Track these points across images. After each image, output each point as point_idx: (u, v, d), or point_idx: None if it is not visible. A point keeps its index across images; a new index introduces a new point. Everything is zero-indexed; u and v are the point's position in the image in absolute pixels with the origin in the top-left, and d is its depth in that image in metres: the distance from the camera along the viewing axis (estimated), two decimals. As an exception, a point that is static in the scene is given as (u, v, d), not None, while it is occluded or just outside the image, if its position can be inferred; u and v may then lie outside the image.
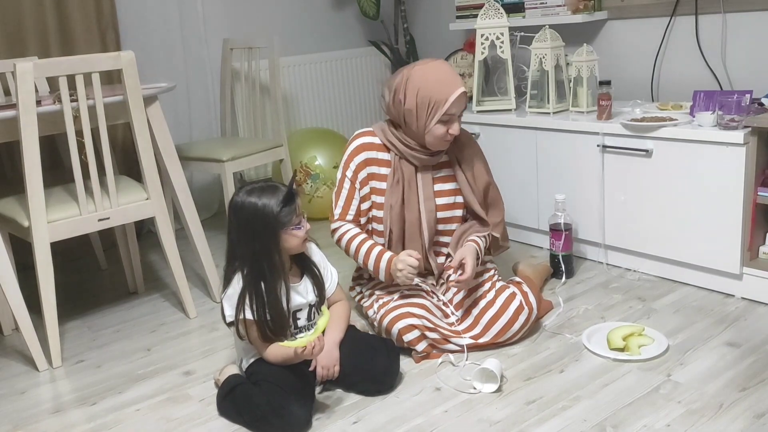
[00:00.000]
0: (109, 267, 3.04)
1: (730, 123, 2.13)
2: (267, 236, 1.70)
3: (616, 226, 2.51)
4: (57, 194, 2.28)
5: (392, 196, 2.08)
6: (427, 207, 2.09)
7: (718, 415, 1.64)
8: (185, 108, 3.48)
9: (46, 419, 1.88)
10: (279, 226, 1.70)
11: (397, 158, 2.08)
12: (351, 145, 2.13)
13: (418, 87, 1.98)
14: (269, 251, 1.71)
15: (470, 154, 2.15)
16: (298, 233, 1.75)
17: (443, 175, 2.13)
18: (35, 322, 2.16)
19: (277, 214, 1.69)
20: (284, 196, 1.71)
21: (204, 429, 1.77)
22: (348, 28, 4.05)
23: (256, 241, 1.71)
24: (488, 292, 2.07)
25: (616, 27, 2.96)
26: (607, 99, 2.50)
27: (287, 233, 1.73)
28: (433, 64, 2.03)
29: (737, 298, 2.24)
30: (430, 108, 1.97)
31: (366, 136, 2.12)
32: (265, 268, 1.71)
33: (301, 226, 1.76)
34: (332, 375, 1.83)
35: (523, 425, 1.66)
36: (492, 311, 2.02)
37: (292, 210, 1.72)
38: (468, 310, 2.05)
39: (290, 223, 1.72)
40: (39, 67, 2.04)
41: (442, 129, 1.99)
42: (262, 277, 1.72)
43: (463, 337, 2.01)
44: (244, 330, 1.77)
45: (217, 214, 3.63)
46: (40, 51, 2.97)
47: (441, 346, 2.00)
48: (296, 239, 1.75)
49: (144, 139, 2.28)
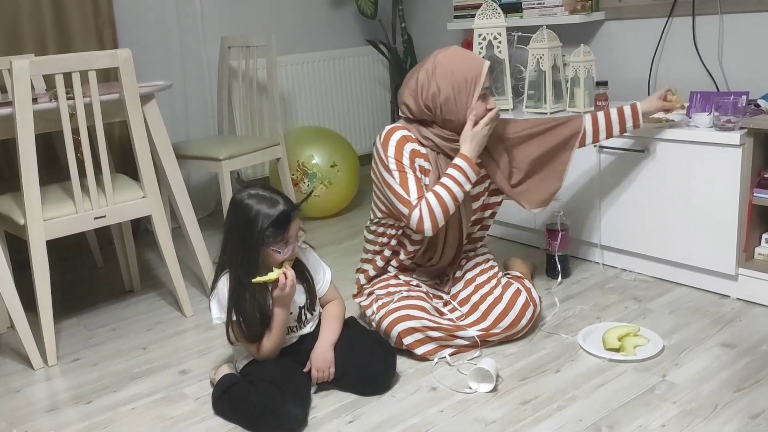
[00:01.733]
0: (105, 265, 3.03)
1: (726, 124, 2.14)
2: (251, 244, 1.69)
3: (612, 227, 2.52)
4: (53, 192, 2.27)
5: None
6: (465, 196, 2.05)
7: (712, 415, 1.64)
8: (182, 106, 3.48)
9: (40, 417, 1.88)
10: (261, 242, 1.69)
11: (434, 153, 2.04)
12: (393, 138, 2.01)
13: (450, 71, 1.96)
14: (252, 257, 1.71)
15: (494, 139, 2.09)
16: (278, 256, 1.72)
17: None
18: (31, 320, 2.15)
19: (264, 229, 1.67)
20: (277, 217, 1.68)
21: (199, 428, 1.76)
22: (346, 27, 4.05)
23: (242, 244, 1.71)
24: (495, 288, 2.08)
25: (613, 27, 2.96)
26: (604, 99, 2.50)
27: (269, 250, 1.71)
28: (451, 50, 2.04)
29: (733, 299, 2.25)
30: (468, 87, 1.97)
31: (402, 130, 2.03)
32: (248, 273, 1.71)
33: (285, 250, 1.72)
34: (327, 377, 1.83)
35: (519, 425, 1.66)
36: (500, 307, 2.03)
37: (280, 233, 1.69)
38: (475, 305, 2.06)
39: (273, 243, 1.70)
40: (35, 64, 2.03)
41: (482, 106, 1.99)
42: (245, 279, 1.71)
43: (471, 330, 2.01)
44: (232, 331, 1.77)
45: (214, 213, 3.63)
46: (37, 48, 2.96)
47: (449, 342, 2.00)
48: (274, 259, 1.72)
49: (141, 137, 2.27)
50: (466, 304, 2.08)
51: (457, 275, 2.20)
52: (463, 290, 2.12)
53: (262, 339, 1.78)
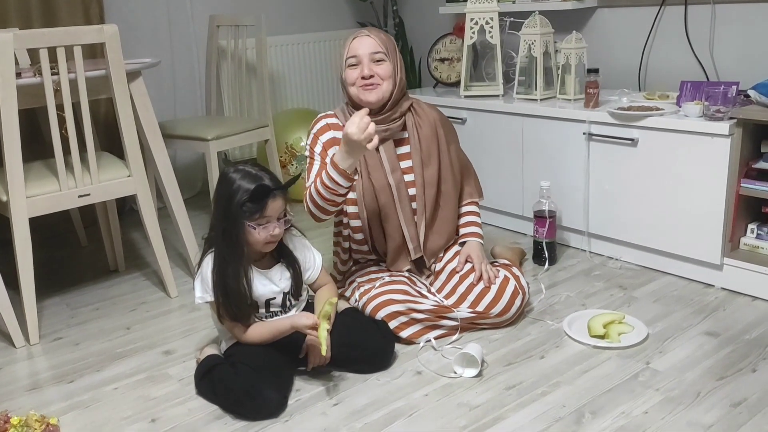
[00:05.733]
0: (90, 244, 3.00)
1: (716, 114, 2.14)
2: (231, 219, 1.69)
3: (599, 215, 2.52)
4: (36, 169, 2.24)
5: (359, 174, 2.06)
6: (395, 178, 2.06)
7: (695, 403, 1.65)
8: (170, 85, 3.43)
9: (22, 396, 1.86)
10: (239, 216, 1.67)
11: None
12: (316, 126, 2.12)
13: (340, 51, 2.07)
14: (232, 232, 1.70)
15: (427, 133, 2.11)
16: (254, 232, 1.69)
17: (406, 152, 2.11)
18: (13, 298, 2.13)
19: (241, 203, 1.66)
20: (254, 190, 1.66)
21: (183, 408, 1.76)
22: (337, 9, 4.01)
23: (224, 217, 1.71)
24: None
25: (605, 15, 2.95)
26: (594, 87, 2.50)
27: (247, 226, 1.69)
28: None
29: (717, 289, 2.26)
30: (343, 59, 2.03)
31: (328, 117, 2.12)
32: (228, 247, 1.70)
33: (261, 227, 1.69)
34: (324, 362, 1.82)
35: (503, 410, 1.67)
36: (490, 296, 2.02)
37: (257, 208, 1.67)
38: (463, 296, 2.04)
39: (251, 218, 1.68)
40: (19, 38, 1.99)
41: (353, 72, 2.01)
42: (227, 258, 1.71)
43: (459, 310, 2.00)
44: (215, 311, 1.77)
45: (201, 194, 3.60)
46: (22, 23, 2.91)
47: (435, 323, 1.99)
48: (253, 237, 1.71)
49: (126, 115, 2.24)
50: (453, 296, 2.05)
51: (438, 268, 2.17)
52: (447, 283, 2.09)
53: (246, 318, 1.77)
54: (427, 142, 2.10)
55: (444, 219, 2.16)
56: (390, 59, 2.02)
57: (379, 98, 2.01)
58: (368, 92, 2.00)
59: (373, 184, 2.06)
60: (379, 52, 2.00)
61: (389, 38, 2.06)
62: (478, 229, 2.21)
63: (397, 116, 2.07)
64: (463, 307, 2.02)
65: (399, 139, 2.11)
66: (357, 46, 2.00)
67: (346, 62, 2.02)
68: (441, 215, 2.16)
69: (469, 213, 2.24)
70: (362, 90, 2.01)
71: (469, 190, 2.26)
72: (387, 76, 2.01)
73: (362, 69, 1.99)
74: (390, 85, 2.02)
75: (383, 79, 2.01)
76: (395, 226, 2.08)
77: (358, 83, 2.01)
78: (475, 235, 2.19)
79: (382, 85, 2.01)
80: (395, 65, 2.04)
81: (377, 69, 2.00)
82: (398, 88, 2.05)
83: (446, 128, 2.18)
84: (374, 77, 1.99)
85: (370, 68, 1.99)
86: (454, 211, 2.20)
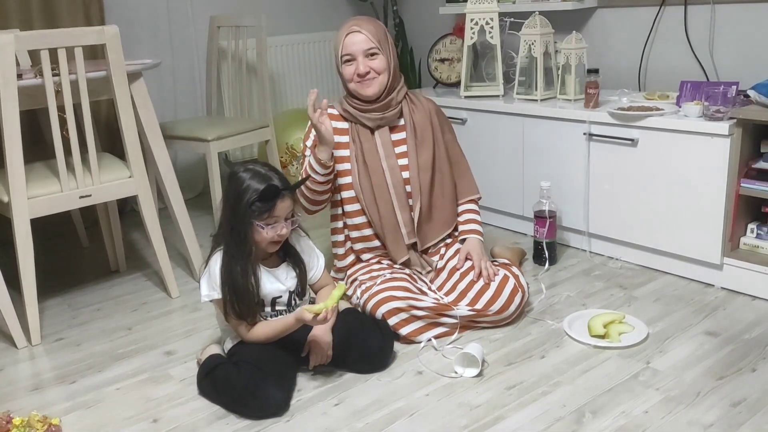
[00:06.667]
0: (91, 245, 3.01)
1: (715, 114, 2.14)
2: (239, 218, 1.71)
3: (600, 215, 2.52)
4: (38, 170, 2.24)
5: (354, 159, 2.12)
6: (390, 164, 2.12)
7: (695, 402, 1.66)
8: (170, 86, 3.44)
9: (24, 397, 1.86)
10: (248, 215, 1.70)
11: (353, 124, 2.14)
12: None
13: (334, 43, 2.13)
14: (241, 231, 1.71)
15: (422, 119, 2.17)
16: (262, 231, 1.72)
17: (401, 138, 2.17)
18: (14, 298, 2.14)
19: (250, 202, 1.69)
20: (263, 190, 1.68)
21: (184, 409, 1.76)
22: (337, 9, 4.01)
23: (232, 216, 1.72)
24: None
25: (605, 15, 2.95)
26: (594, 87, 2.50)
27: (255, 225, 1.72)
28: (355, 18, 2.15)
29: (717, 288, 2.26)
30: (337, 55, 2.09)
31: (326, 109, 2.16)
32: (236, 246, 1.72)
33: (269, 226, 1.72)
34: (325, 360, 1.83)
35: (503, 410, 1.67)
36: (489, 293, 2.03)
37: (266, 208, 1.69)
38: (463, 293, 2.05)
39: (259, 218, 1.70)
40: (20, 39, 2.00)
41: (349, 69, 2.07)
42: (235, 255, 1.72)
43: (458, 307, 2.01)
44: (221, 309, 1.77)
45: (202, 194, 3.60)
46: (23, 24, 2.91)
47: (436, 320, 1.99)
48: (261, 236, 1.73)
49: (127, 115, 2.24)
50: (453, 293, 2.07)
51: (439, 266, 2.19)
52: (448, 280, 2.11)
53: (253, 317, 1.78)
54: (421, 127, 2.17)
55: (439, 207, 2.19)
56: (383, 51, 2.08)
57: (377, 91, 2.09)
58: (366, 87, 2.08)
59: (367, 165, 2.11)
60: (372, 47, 2.06)
61: (379, 27, 2.11)
62: (478, 227, 2.23)
63: (393, 104, 2.13)
64: (462, 304, 2.02)
65: (394, 126, 2.17)
66: (349, 44, 2.06)
67: (342, 59, 2.08)
68: (436, 203, 2.19)
69: (469, 211, 2.26)
70: (360, 85, 2.08)
71: (466, 185, 2.28)
72: (382, 69, 2.08)
73: (357, 66, 2.05)
74: (386, 77, 2.09)
75: (379, 73, 2.08)
76: (389, 209, 2.12)
77: (355, 79, 2.07)
78: (475, 232, 2.21)
79: (378, 78, 2.08)
80: (388, 55, 2.09)
81: (372, 64, 2.06)
82: (393, 75, 2.11)
83: (441, 118, 2.25)
84: (370, 72, 2.07)
85: (365, 65, 2.06)
86: (451, 200, 2.22)
